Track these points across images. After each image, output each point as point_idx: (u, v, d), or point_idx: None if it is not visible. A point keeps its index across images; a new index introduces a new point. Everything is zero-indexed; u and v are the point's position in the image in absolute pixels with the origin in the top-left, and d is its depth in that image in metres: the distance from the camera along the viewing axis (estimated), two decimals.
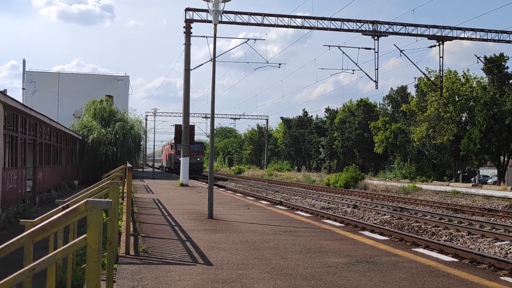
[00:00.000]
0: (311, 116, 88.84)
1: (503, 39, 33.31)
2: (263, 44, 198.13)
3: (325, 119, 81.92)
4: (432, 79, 47.45)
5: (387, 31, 31.43)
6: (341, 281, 6.04)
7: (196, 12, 29.50)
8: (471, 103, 51.03)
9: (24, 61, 51.89)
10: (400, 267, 6.95)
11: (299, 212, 14.94)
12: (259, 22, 30.58)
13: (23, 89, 50.78)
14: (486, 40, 33.76)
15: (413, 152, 58.20)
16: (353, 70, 34.58)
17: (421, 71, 39.23)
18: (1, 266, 5.38)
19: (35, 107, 20.93)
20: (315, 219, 13.15)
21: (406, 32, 31.76)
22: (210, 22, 17.81)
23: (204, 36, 30.97)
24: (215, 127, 16.13)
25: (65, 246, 3.53)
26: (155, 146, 57.83)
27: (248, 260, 7.20)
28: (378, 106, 71.70)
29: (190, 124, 30.93)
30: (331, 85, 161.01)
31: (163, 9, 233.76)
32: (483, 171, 64.30)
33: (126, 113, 42.21)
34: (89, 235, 3.30)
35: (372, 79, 32.40)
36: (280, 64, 39.71)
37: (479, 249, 12.92)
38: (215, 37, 13.35)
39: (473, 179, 55.96)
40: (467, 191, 33.74)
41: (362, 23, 31.29)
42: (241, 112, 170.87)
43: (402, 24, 31.70)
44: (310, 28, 31.45)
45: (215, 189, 19.02)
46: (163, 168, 67.42)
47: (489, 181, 54.56)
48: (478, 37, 33.45)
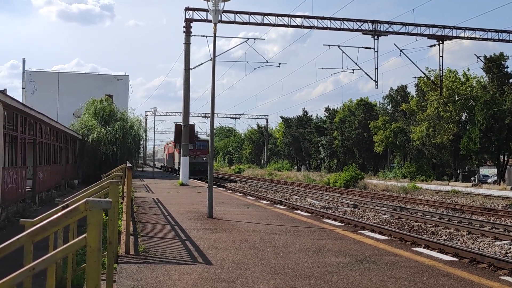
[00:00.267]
0: (311, 116, 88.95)
1: (503, 38, 33.32)
2: (263, 44, 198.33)
3: (325, 118, 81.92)
4: (432, 78, 47.45)
5: (387, 30, 31.43)
6: (341, 281, 6.04)
7: (196, 12, 29.51)
8: (471, 102, 51.04)
9: (24, 61, 52.03)
10: (400, 266, 6.95)
11: (299, 212, 14.94)
12: (259, 22, 30.58)
13: (23, 88, 50.79)
14: (486, 40, 33.76)
15: (413, 151, 58.21)
16: (353, 70, 34.61)
17: (421, 71, 39.22)
18: (1, 265, 5.38)
19: (35, 107, 20.93)
20: (315, 218, 13.16)
21: (406, 31, 31.76)
22: (210, 21, 17.82)
23: (204, 36, 30.96)
24: (215, 127, 16.14)
25: (65, 246, 3.53)
26: (155, 145, 57.70)
27: (248, 259, 7.20)
28: (378, 105, 71.76)
29: (190, 123, 30.95)
30: (331, 84, 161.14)
31: (163, 8, 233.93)
32: (483, 171, 64.36)
33: (126, 113, 42.20)
34: (89, 234, 3.30)
35: (372, 79, 32.43)
36: (280, 64, 39.76)
37: (479, 248, 12.92)
38: (215, 36, 13.36)
39: (473, 178, 55.98)
40: (467, 191, 33.75)
41: (362, 23, 31.29)
42: (241, 111, 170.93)
43: (402, 24, 31.70)
44: (310, 27, 31.45)
45: (215, 188, 19.04)
46: (165, 168, 62.71)
47: (489, 180, 54.60)
48: (478, 36, 33.46)
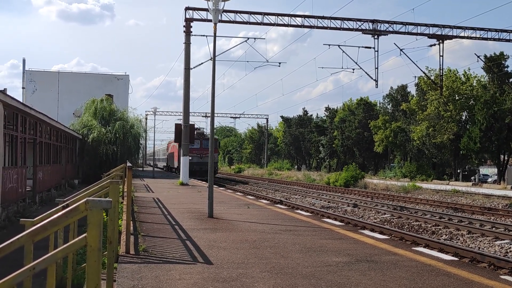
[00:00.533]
0: (311, 115, 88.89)
1: (503, 38, 33.30)
2: (263, 43, 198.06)
3: (325, 118, 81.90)
4: (432, 78, 47.42)
5: (387, 30, 31.42)
6: (341, 280, 6.04)
7: (196, 11, 29.50)
8: (471, 102, 51.02)
9: (24, 60, 52.03)
10: (400, 266, 6.95)
11: (299, 211, 14.94)
12: (259, 21, 30.56)
13: (23, 88, 50.80)
14: (486, 39, 33.76)
15: (413, 151, 58.21)
16: (353, 69, 34.56)
17: (421, 70, 39.10)
18: (1, 265, 5.38)
19: (35, 106, 20.94)
20: (315, 218, 13.16)
21: (406, 31, 31.75)
22: (210, 21, 17.84)
23: (204, 35, 30.99)
24: (215, 126, 16.13)
25: (65, 246, 3.53)
26: (155, 145, 57.70)
27: (248, 259, 7.20)
28: (378, 105, 71.74)
29: (190, 123, 30.95)
30: (331, 84, 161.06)
31: (163, 8, 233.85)
32: (483, 170, 64.37)
33: (126, 112, 42.19)
34: (89, 234, 3.30)
35: (372, 78, 32.41)
36: (280, 63, 39.68)
37: (479, 248, 12.93)
38: (215, 36, 13.35)
39: (473, 178, 56.00)
40: (467, 190, 33.77)
41: (362, 22, 31.28)
42: (241, 111, 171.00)
43: (402, 23, 31.69)
44: (310, 27, 31.43)
45: (215, 188, 19.04)
46: (168, 168, 58.07)
47: (489, 180, 54.60)
48: (478, 36, 33.45)
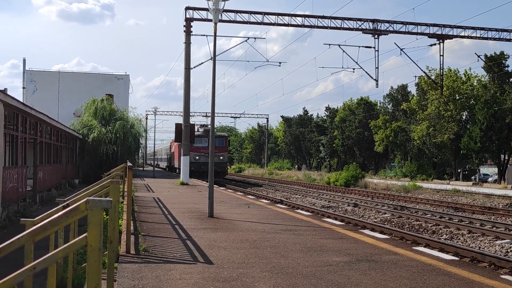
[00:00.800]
0: (312, 115, 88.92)
1: (503, 37, 33.29)
2: (263, 43, 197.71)
3: (325, 117, 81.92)
4: (433, 77, 47.41)
5: (387, 29, 31.40)
6: (341, 280, 6.04)
7: (196, 11, 29.48)
8: (472, 101, 51.02)
9: (24, 60, 51.72)
10: (401, 265, 6.95)
11: (299, 211, 14.93)
12: (259, 21, 30.55)
13: (23, 88, 50.78)
14: (486, 39, 33.75)
15: (414, 150, 58.21)
16: (354, 69, 34.57)
17: (422, 70, 39.19)
18: (1, 265, 5.39)
19: (35, 106, 20.95)
20: (316, 217, 13.16)
21: (407, 30, 31.73)
22: (210, 21, 17.83)
23: (204, 35, 30.93)
24: (215, 126, 16.15)
25: (65, 245, 3.53)
26: (155, 145, 57.74)
27: (248, 258, 7.20)
28: (379, 104, 71.75)
29: (191, 123, 30.95)
30: (331, 83, 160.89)
31: (163, 8, 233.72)
32: (484, 170, 64.34)
33: (126, 112, 42.19)
34: (89, 234, 3.30)
35: (372, 78, 32.42)
36: (280, 63, 39.66)
37: (479, 247, 12.93)
38: (215, 35, 13.35)
39: (473, 177, 55.96)
40: (467, 190, 33.77)
41: (363, 22, 31.27)
42: (242, 110, 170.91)
43: (402, 23, 31.68)
44: (310, 26, 31.43)
45: (215, 188, 19.03)
46: (171, 168, 52.81)
47: (490, 179, 54.56)
48: (478, 35, 33.43)
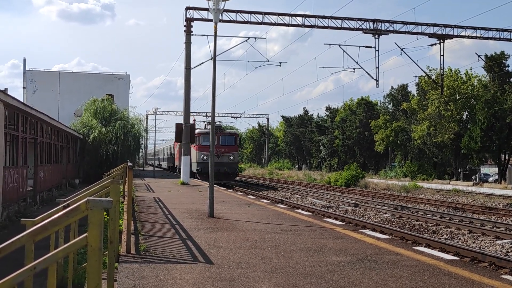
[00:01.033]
0: (312, 115, 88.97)
1: (504, 37, 33.28)
2: (263, 43, 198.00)
3: (325, 117, 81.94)
4: (433, 77, 47.41)
5: (387, 29, 31.39)
6: (342, 280, 6.04)
7: (197, 11, 29.48)
8: (472, 101, 51.01)
9: (24, 60, 51.61)
10: (401, 265, 6.95)
11: (300, 211, 14.93)
12: (259, 21, 30.55)
13: (23, 88, 50.76)
14: (487, 39, 33.74)
15: (414, 150, 58.19)
16: (354, 69, 34.57)
17: (422, 70, 39.23)
18: (2, 265, 5.38)
19: (35, 106, 20.96)
20: (316, 217, 13.15)
21: (407, 30, 31.73)
22: (211, 20, 17.83)
23: (204, 35, 30.84)
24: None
25: (66, 245, 3.53)
26: (155, 144, 57.81)
27: (249, 258, 7.20)
28: (379, 104, 71.75)
29: (191, 123, 30.94)
30: (331, 83, 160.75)
31: (164, 8, 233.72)
32: (484, 170, 64.32)
33: (126, 112, 42.19)
34: (90, 234, 3.30)
35: (372, 78, 32.40)
36: (280, 63, 39.47)
37: (480, 247, 12.92)
38: (215, 35, 13.35)
39: (474, 177, 55.96)
40: (468, 190, 33.76)
41: (363, 22, 31.26)
42: (242, 110, 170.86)
43: (402, 23, 31.67)
44: (311, 26, 31.42)
45: (215, 188, 19.03)
46: (175, 169, 48.06)
47: (490, 179, 54.54)
48: (478, 35, 33.43)
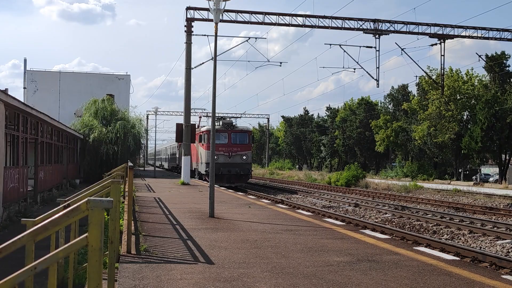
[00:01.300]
0: (312, 115, 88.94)
1: (505, 37, 33.26)
2: (264, 43, 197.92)
3: (326, 117, 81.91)
4: (434, 77, 47.39)
5: (388, 29, 31.38)
6: (342, 280, 6.04)
7: (197, 11, 29.48)
8: (473, 101, 50.97)
9: (25, 60, 51.56)
10: (402, 265, 6.95)
11: (300, 211, 14.92)
12: (260, 21, 30.54)
13: (24, 88, 50.75)
14: (488, 39, 33.72)
15: (415, 150, 58.17)
16: (354, 69, 34.58)
17: (422, 70, 39.27)
18: (2, 265, 5.39)
19: (36, 106, 20.98)
20: (316, 217, 13.15)
21: (408, 30, 31.72)
22: (211, 20, 17.82)
23: (205, 35, 30.82)
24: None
25: (66, 245, 3.53)
26: (156, 144, 57.94)
27: (249, 259, 7.20)
28: (380, 104, 71.70)
29: (192, 123, 30.93)
30: (332, 83, 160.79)
31: (164, 8, 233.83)
32: (485, 170, 64.30)
33: (127, 112, 42.21)
34: (90, 234, 3.30)
35: (373, 78, 32.40)
36: (281, 63, 39.46)
37: (480, 247, 12.92)
38: (216, 36, 13.35)
39: (474, 177, 55.91)
40: (468, 190, 33.73)
41: (363, 22, 31.25)
42: (242, 110, 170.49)
43: (403, 23, 31.66)
44: (311, 26, 31.42)
45: (216, 188, 19.04)
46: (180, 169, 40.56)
47: (491, 179, 54.51)
48: (479, 35, 33.41)
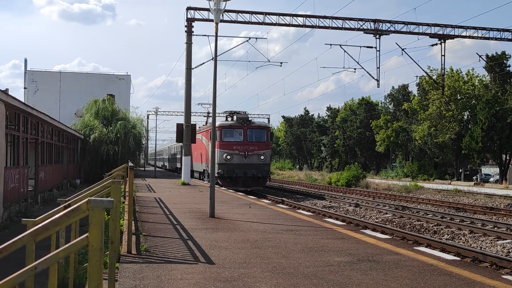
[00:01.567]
0: (313, 115, 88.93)
1: (505, 37, 33.24)
2: (264, 43, 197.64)
3: (326, 117, 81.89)
4: (434, 77, 47.38)
5: (388, 29, 31.37)
6: (343, 280, 6.04)
7: (198, 11, 29.48)
8: (473, 101, 50.94)
9: (25, 60, 51.59)
10: (402, 265, 6.95)
11: (300, 211, 14.92)
12: (260, 21, 30.54)
13: (24, 88, 50.79)
14: (488, 39, 33.70)
15: (415, 150, 58.14)
16: (355, 69, 34.63)
17: (423, 70, 39.25)
18: (3, 265, 5.39)
19: (36, 106, 20.99)
20: (317, 217, 13.14)
21: (408, 30, 31.70)
22: (212, 21, 17.80)
23: (205, 35, 30.85)
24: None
25: (67, 245, 3.53)
26: (156, 144, 57.94)
27: (250, 259, 7.20)
28: (380, 104, 71.67)
29: (192, 123, 30.92)
30: (332, 83, 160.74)
31: (165, 8, 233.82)
32: (485, 170, 64.23)
33: (127, 112, 42.22)
34: (91, 234, 3.30)
35: (373, 78, 32.39)
36: (281, 63, 39.37)
37: (481, 247, 12.91)
38: (216, 36, 13.36)
39: (475, 177, 55.88)
40: (469, 190, 33.71)
41: (364, 22, 31.24)
42: (243, 111, 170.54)
43: (403, 23, 31.65)
44: (312, 26, 31.41)
45: (216, 188, 19.03)
46: (200, 174, 34.77)
47: (491, 179, 54.47)
48: (480, 35, 33.39)
